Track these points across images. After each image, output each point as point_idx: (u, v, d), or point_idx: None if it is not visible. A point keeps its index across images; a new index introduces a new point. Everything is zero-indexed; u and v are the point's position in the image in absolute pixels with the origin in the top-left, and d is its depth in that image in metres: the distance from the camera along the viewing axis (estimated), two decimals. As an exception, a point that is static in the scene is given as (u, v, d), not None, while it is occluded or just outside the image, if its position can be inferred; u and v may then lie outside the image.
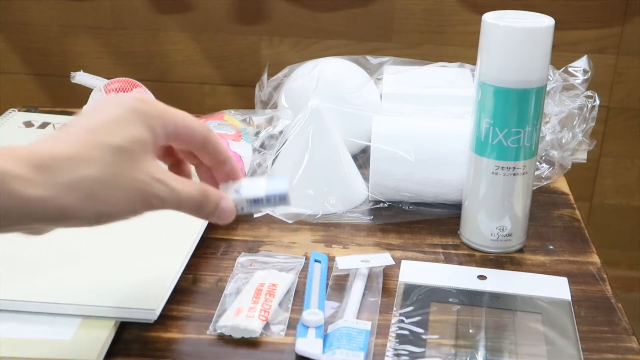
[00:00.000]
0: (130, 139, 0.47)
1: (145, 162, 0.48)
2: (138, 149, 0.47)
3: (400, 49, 1.26)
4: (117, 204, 0.46)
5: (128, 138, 0.47)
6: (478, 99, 0.67)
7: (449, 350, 0.56)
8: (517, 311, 0.61)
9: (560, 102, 0.82)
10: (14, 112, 0.99)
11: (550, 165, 0.83)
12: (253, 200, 0.53)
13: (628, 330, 0.60)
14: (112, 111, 0.48)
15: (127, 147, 0.47)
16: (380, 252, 0.69)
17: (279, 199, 0.53)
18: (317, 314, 0.58)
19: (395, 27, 1.26)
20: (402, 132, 0.76)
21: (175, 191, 0.48)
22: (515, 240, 0.70)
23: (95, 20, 1.29)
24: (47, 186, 0.43)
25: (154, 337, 0.57)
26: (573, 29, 1.23)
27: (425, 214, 0.77)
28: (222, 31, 1.28)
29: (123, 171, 0.46)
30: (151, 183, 0.47)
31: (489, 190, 0.68)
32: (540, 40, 0.63)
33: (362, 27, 1.26)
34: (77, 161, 0.45)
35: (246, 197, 0.53)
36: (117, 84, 0.86)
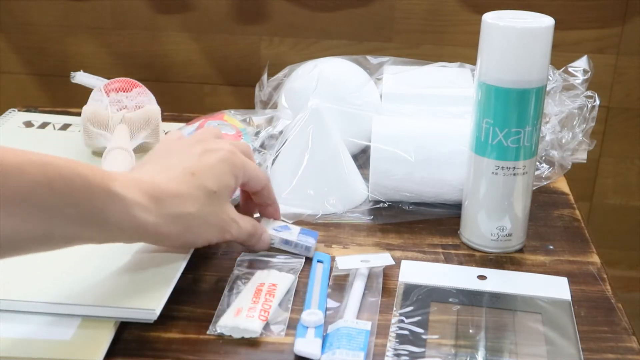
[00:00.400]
0: (222, 185, 0.60)
1: (227, 204, 0.61)
2: (225, 193, 0.60)
3: (401, 49, 1.26)
4: (203, 235, 0.60)
5: (221, 184, 0.59)
6: (478, 99, 0.67)
7: (449, 350, 0.56)
8: (517, 311, 0.61)
9: (560, 102, 0.82)
10: (14, 112, 0.99)
11: (550, 165, 0.83)
12: (285, 241, 0.67)
13: (628, 330, 0.60)
14: (210, 158, 0.60)
15: (219, 192, 0.59)
16: (380, 252, 0.69)
17: (304, 248, 0.68)
18: (316, 314, 0.58)
19: (395, 27, 1.26)
20: (402, 132, 0.76)
21: (241, 228, 0.63)
22: (515, 240, 0.70)
23: (95, 20, 1.29)
24: (158, 215, 0.55)
25: (154, 337, 0.57)
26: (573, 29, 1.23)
27: (425, 214, 0.77)
28: (222, 31, 1.28)
29: (213, 210, 0.59)
30: (229, 222, 0.61)
31: (489, 190, 0.68)
32: (540, 40, 0.63)
33: (362, 27, 1.26)
34: (183, 199, 0.57)
35: (281, 236, 0.67)
36: (117, 84, 0.86)
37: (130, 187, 0.53)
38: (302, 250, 0.68)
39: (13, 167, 0.46)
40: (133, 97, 0.85)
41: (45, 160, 0.48)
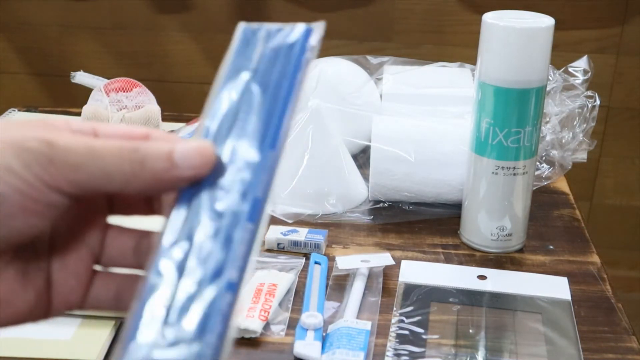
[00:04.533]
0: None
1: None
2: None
3: (401, 49, 1.26)
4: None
5: None
6: (478, 99, 0.67)
7: (449, 350, 0.56)
8: (517, 311, 0.61)
9: (560, 102, 0.82)
10: (14, 112, 0.99)
11: (550, 165, 0.83)
12: (294, 242, 0.68)
13: (628, 330, 0.59)
14: None
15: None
16: (381, 252, 0.69)
17: (315, 246, 0.68)
18: (315, 317, 0.58)
19: (395, 27, 1.26)
20: (402, 132, 0.76)
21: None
22: (515, 240, 0.70)
23: (95, 20, 1.29)
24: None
25: (154, 337, 0.57)
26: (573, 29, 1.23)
27: (426, 214, 0.76)
28: (222, 31, 1.28)
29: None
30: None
31: (489, 190, 0.68)
32: (541, 40, 0.63)
33: (362, 27, 1.26)
34: None
35: (290, 239, 0.68)
36: (117, 83, 0.86)
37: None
38: (312, 248, 0.68)
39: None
40: (133, 97, 0.85)
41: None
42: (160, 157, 0.31)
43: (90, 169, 0.31)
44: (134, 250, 0.36)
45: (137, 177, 0.31)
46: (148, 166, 0.31)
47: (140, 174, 0.31)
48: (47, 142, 0.31)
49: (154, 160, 0.31)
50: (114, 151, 0.31)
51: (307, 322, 0.57)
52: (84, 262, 0.36)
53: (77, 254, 0.35)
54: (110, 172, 0.31)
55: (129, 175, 0.31)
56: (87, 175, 0.31)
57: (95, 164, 0.31)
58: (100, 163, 0.31)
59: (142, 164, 0.31)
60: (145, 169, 0.31)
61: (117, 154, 0.31)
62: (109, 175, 0.31)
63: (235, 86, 0.34)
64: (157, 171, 0.31)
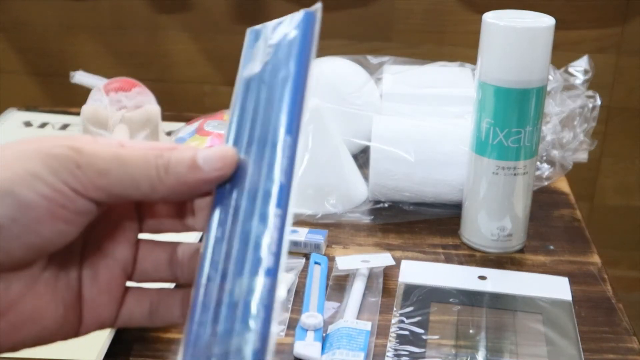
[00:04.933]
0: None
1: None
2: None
3: (401, 49, 1.26)
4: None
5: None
6: (478, 98, 0.66)
7: (450, 350, 0.56)
8: (517, 311, 0.61)
9: (561, 102, 0.82)
10: (14, 111, 0.99)
11: (551, 165, 0.83)
12: (294, 242, 0.67)
13: (629, 331, 0.59)
14: None
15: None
16: (381, 252, 0.68)
17: (315, 246, 0.67)
18: (315, 317, 0.58)
19: (395, 27, 1.26)
20: (402, 132, 0.75)
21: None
22: (515, 240, 0.70)
23: (94, 20, 1.29)
24: None
25: (153, 338, 0.57)
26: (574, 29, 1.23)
27: (426, 214, 0.76)
28: (222, 31, 1.28)
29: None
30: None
31: (490, 190, 0.68)
32: (541, 40, 0.63)
33: (362, 26, 1.26)
34: None
35: (290, 239, 0.64)
36: (117, 83, 0.86)
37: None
38: (312, 249, 0.68)
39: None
40: (132, 96, 0.85)
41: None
42: (184, 161, 0.32)
43: (117, 174, 0.32)
44: (168, 263, 0.37)
45: (163, 182, 0.32)
46: (172, 170, 0.32)
47: (165, 179, 0.32)
48: (74, 148, 0.31)
49: (177, 164, 0.32)
50: (140, 157, 0.32)
51: (307, 323, 0.57)
52: (115, 278, 0.36)
53: (108, 269, 0.36)
54: (136, 177, 0.32)
55: (154, 180, 0.32)
56: (114, 180, 0.31)
57: (121, 169, 0.32)
58: (127, 168, 0.32)
59: (167, 168, 0.32)
60: (170, 173, 0.32)
61: (143, 159, 0.32)
62: (135, 180, 0.32)
63: (249, 86, 0.35)
64: (181, 174, 0.32)
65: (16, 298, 0.32)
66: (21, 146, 0.31)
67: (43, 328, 0.34)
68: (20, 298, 0.33)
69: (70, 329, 0.35)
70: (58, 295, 0.34)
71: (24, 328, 0.33)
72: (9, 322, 0.32)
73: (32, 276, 0.33)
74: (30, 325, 0.33)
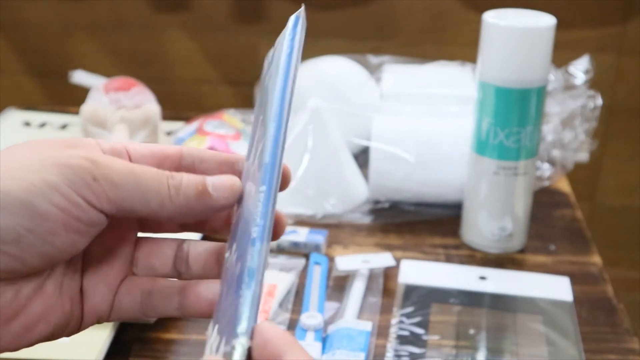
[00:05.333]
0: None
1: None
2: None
3: (401, 48, 1.25)
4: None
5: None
6: (479, 98, 0.66)
7: (450, 351, 0.56)
8: (518, 312, 0.61)
9: (561, 101, 0.81)
10: (13, 111, 0.98)
11: (552, 165, 0.83)
12: (294, 243, 0.68)
13: (630, 331, 0.59)
14: None
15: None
16: (381, 253, 0.68)
17: (314, 247, 0.68)
18: (315, 317, 0.58)
19: (395, 26, 1.26)
20: (402, 132, 0.75)
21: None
22: (516, 240, 0.70)
23: (94, 19, 1.29)
24: None
25: (153, 338, 0.57)
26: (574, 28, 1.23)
27: (426, 214, 0.76)
28: (221, 30, 1.28)
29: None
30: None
31: (490, 190, 0.68)
32: (542, 39, 0.63)
33: (362, 26, 1.26)
34: None
35: (290, 239, 0.68)
36: (116, 83, 0.86)
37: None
38: (312, 249, 0.68)
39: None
40: (132, 96, 0.85)
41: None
42: (195, 185, 0.34)
43: (130, 188, 0.33)
44: (173, 259, 0.38)
45: (172, 202, 0.33)
46: (183, 191, 0.34)
47: (175, 199, 0.33)
48: (90, 160, 0.32)
49: (188, 187, 0.34)
50: (153, 174, 0.33)
51: (307, 323, 0.57)
52: (115, 271, 0.37)
53: (108, 263, 0.37)
54: (148, 193, 0.33)
55: (164, 198, 0.33)
56: (127, 195, 0.33)
57: (135, 183, 0.33)
58: (140, 183, 0.33)
59: (178, 189, 0.34)
60: (180, 194, 0.34)
61: (156, 177, 0.33)
62: (146, 197, 0.33)
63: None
64: (190, 197, 0.34)
65: (26, 301, 0.33)
66: (36, 154, 0.32)
67: (54, 325, 0.35)
68: (30, 301, 0.33)
69: (74, 324, 0.36)
70: (65, 292, 0.35)
71: (36, 328, 0.34)
72: (21, 324, 0.33)
73: (40, 278, 0.34)
74: (42, 325, 0.34)
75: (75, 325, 0.36)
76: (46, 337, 0.35)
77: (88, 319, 0.36)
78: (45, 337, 0.35)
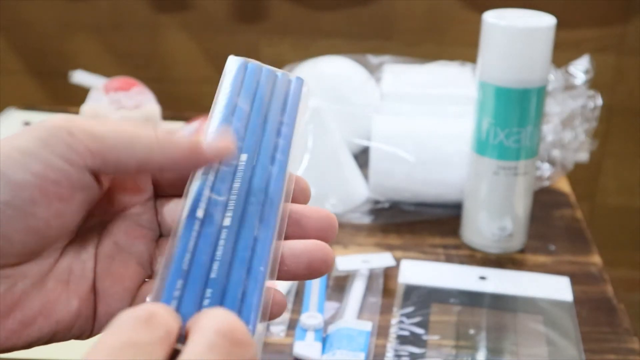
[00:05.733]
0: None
1: None
2: None
3: (401, 48, 1.25)
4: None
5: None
6: (479, 98, 0.66)
7: (450, 351, 0.56)
8: (518, 312, 0.61)
9: (562, 101, 0.81)
10: (13, 111, 0.98)
11: (552, 165, 0.83)
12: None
13: (630, 331, 0.59)
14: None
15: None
16: (381, 253, 0.68)
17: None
18: (315, 317, 0.58)
19: (395, 26, 1.26)
20: (402, 132, 0.75)
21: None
22: (516, 240, 0.70)
23: (94, 19, 1.29)
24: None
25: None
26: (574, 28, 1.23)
27: (426, 214, 0.76)
28: (222, 30, 1.28)
29: None
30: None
31: (490, 190, 0.68)
32: (542, 39, 0.63)
33: (362, 26, 1.26)
34: None
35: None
36: (116, 83, 0.86)
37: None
38: None
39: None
40: (132, 96, 0.85)
41: None
42: (186, 134, 0.32)
43: (113, 136, 0.30)
44: None
45: (161, 146, 0.31)
46: (172, 137, 0.31)
47: (164, 144, 0.31)
48: (66, 119, 0.30)
49: (179, 135, 0.31)
50: (138, 126, 0.31)
51: (307, 323, 0.57)
52: (130, 272, 0.34)
53: (123, 262, 0.34)
54: (134, 140, 0.31)
55: (153, 144, 0.31)
56: (110, 142, 0.30)
57: (117, 133, 0.31)
58: (123, 132, 0.31)
59: (167, 134, 0.31)
60: (170, 140, 0.31)
61: (141, 127, 0.31)
62: (132, 144, 0.31)
63: (238, 115, 0.36)
64: (181, 144, 0.31)
65: (21, 295, 0.31)
66: (11, 134, 0.31)
67: (56, 322, 0.33)
68: (27, 296, 0.31)
69: (86, 325, 0.34)
70: (71, 289, 0.33)
71: (35, 324, 0.32)
72: (17, 320, 0.31)
73: (40, 273, 0.32)
74: (42, 321, 0.32)
75: (87, 327, 0.34)
76: (49, 336, 0.33)
77: (102, 323, 0.34)
78: (47, 336, 0.33)
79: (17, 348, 0.32)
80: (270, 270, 0.32)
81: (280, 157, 0.35)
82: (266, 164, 0.34)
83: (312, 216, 0.35)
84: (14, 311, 0.31)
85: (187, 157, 0.32)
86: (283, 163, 0.35)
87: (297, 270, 0.33)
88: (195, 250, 0.31)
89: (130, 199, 0.35)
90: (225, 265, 0.31)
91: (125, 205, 0.35)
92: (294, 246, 0.34)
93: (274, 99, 0.36)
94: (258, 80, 0.36)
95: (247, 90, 0.36)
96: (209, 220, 0.32)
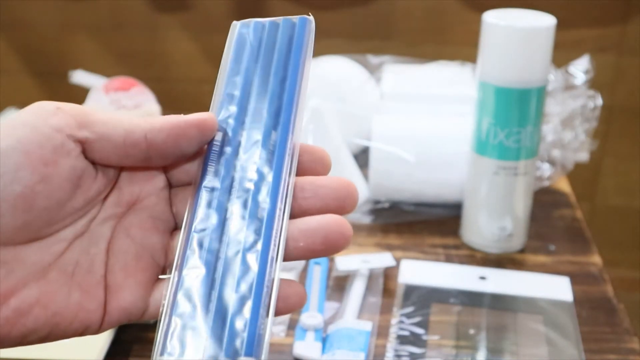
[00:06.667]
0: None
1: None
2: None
3: (401, 48, 1.25)
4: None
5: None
6: (479, 98, 0.66)
7: (450, 351, 0.56)
8: (518, 312, 0.61)
9: (562, 101, 0.81)
10: (13, 111, 0.98)
11: (552, 165, 0.83)
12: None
13: (630, 331, 0.59)
14: None
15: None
16: (381, 253, 0.68)
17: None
18: (315, 317, 0.58)
19: (395, 26, 1.26)
20: (402, 132, 0.75)
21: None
22: (516, 240, 0.70)
23: (94, 19, 1.29)
24: None
25: (153, 338, 0.57)
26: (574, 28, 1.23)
27: (426, 214, 0.76)
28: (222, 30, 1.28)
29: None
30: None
31: (490, 190, 0.68)
32: (542, 39, 0.63)
33: (362, 25, 1.26)
34: None
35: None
36: (116, 83, 0.86)
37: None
38: None
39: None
40: (132, 96, 0.85)
41: None
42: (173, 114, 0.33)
43: (98, 113, 0.32)
44: None
45: (150, 122, 0.32)
46: (159, 119, 0.32)
47: (152, 120, 0.32)
48: (55, 103, 0.32)
49: (166, 116, 0.33)
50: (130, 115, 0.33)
51: (307, 323, 0.57)
52: (143, 266, 0.34)
53: (135, 256, 0.34)
54: (123, 117, 0.32)
55: (137, 116, 0.33)
56: (98, 117, 0.32)
57: (108, 113, 0.32)
58: (113, 114, 0.32)
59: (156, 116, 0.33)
60: (160, 118, 0.32)
61: (131, 114, 0.33)
62: (121, 120, 0.32)
63: (240, 78, 0.36)
64: (163, 117, 0.32)
65: (17, 284, 0.31)
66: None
67: (53, 314, 0.32)
68: (24, 285, 0.31)
69: (89, 319, 0.33)
70: (74, 281, 0.32)
71: (31, 313, 0.31)
72: (11, 308, 0.31)
73: (41, 262, 0.31)
74: (38, 311, 0.31)
75: (91, 322, 0.33)
76: (46, 329, 0.32)
77: (114, 317, 0.33)
78: (44, 328, 0.32)
79: (11, 338, 0.31)
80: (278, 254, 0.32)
81: (284, 117, 0.35)
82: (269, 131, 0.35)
83: (329, 185, 0.35)
84: (9, 298, 0.31)
85: (170, 124, 0.32)
86: (286, 126, 0.35)
87: (314, 246, 0.33)
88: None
89: (142, 188, 0.35)
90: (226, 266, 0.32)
91: (138, 196, 0.34)
92: (308, 222, 0.34)
93: (277, 51, 0.36)
94: (260, 38, 0.37)
95: (251, 53, 0.36)
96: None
